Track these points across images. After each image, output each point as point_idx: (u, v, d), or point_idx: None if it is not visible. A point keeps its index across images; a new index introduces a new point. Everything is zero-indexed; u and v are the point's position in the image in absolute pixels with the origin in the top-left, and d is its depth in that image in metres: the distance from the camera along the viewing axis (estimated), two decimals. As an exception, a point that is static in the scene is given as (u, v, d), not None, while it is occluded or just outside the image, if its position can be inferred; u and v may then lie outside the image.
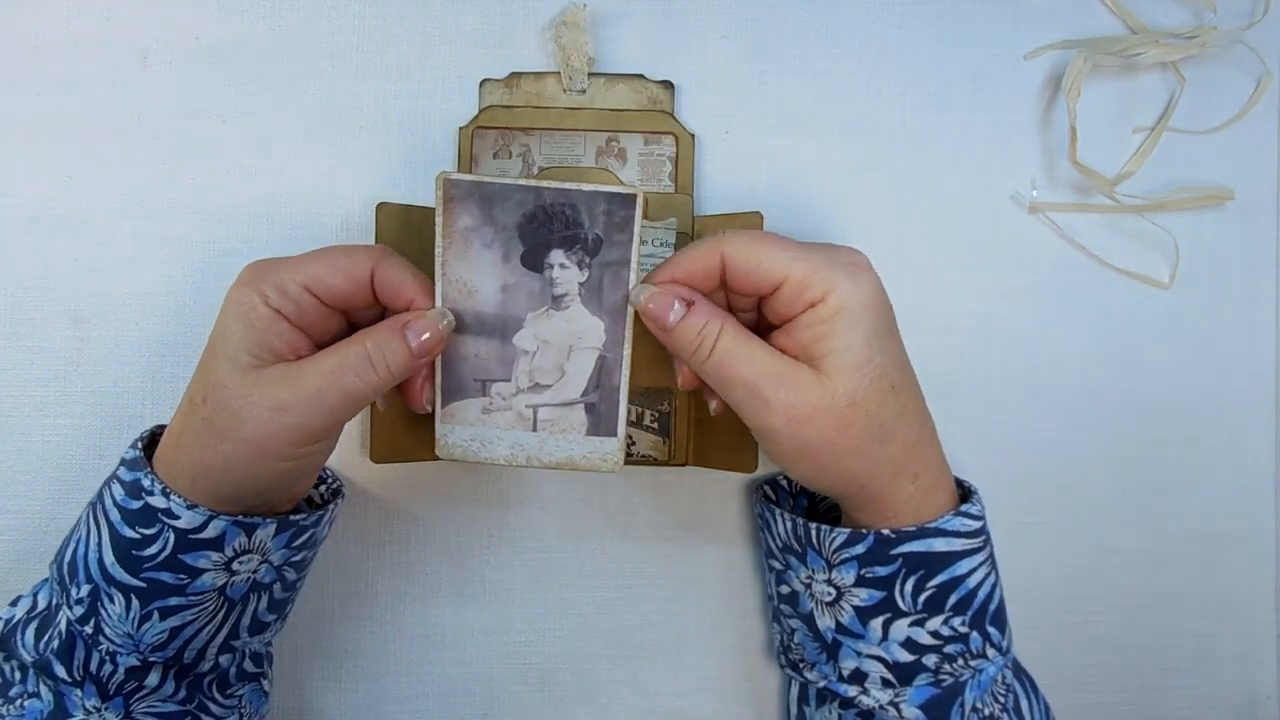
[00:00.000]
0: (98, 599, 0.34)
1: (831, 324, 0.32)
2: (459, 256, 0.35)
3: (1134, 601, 0.46)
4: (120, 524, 0.33)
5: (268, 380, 0.32)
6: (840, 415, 0.32)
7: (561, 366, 0.36)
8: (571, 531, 0.44)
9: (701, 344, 0.33)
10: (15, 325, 0.43)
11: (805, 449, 0.33)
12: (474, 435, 0.36)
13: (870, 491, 0.34)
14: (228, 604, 0.35)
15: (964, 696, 0.35)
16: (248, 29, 0.43)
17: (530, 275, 0.35)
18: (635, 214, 0.34)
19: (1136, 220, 0.45)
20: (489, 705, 0.44)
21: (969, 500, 0.36)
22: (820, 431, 0.33)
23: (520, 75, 0.43)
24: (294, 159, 0.43)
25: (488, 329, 0.35)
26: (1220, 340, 0.46)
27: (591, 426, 0.36)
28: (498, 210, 0.34)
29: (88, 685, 0.34)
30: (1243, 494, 0.46)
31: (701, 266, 0.34)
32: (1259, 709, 0.46)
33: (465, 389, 0.36)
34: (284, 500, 0.36)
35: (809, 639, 0.38)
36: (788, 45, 0.44)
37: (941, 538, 0.35)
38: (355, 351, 0.33)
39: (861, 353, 0.33)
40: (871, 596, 0.35)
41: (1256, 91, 0.45)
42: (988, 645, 0.35)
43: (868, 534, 0.35)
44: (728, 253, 0.34)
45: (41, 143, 0.43)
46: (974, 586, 0.35)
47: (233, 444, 0.32)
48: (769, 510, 0.40)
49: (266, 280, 0.33)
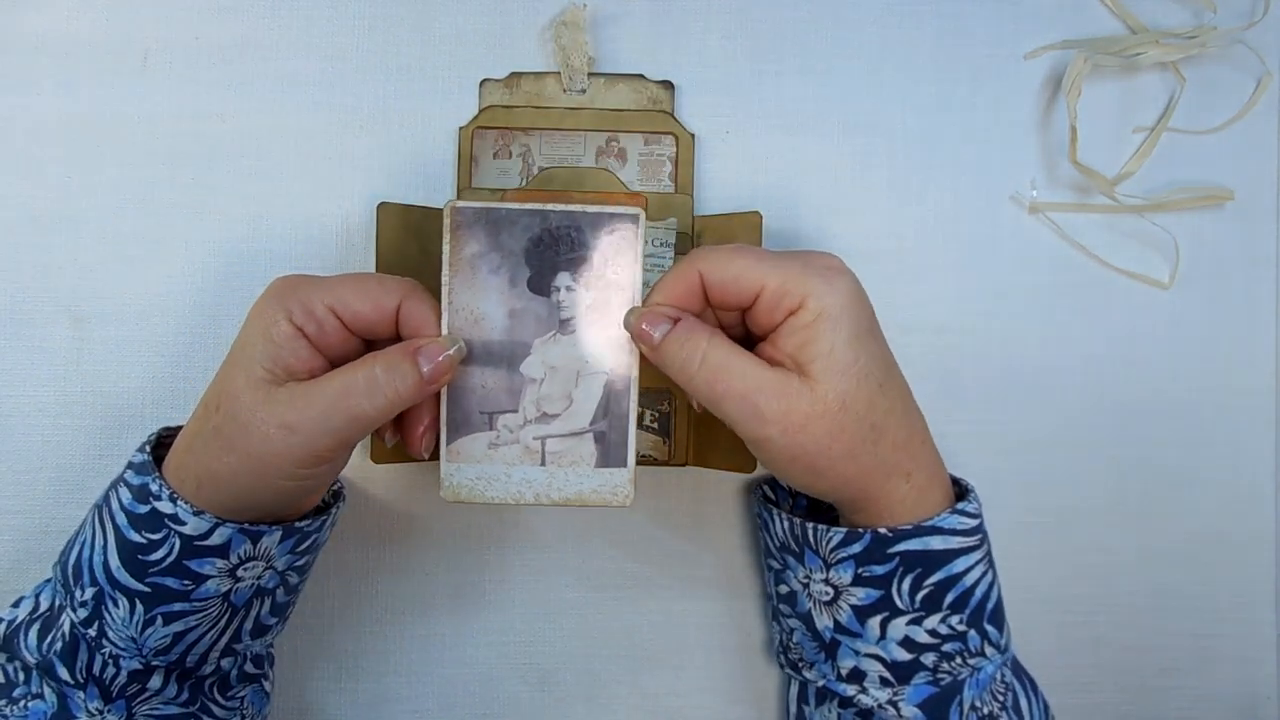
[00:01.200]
0: (102, 602, 0.34)
1: (813, 329, 0.33)
2: (466, 284, 0.34)
3: (1134, 601, 0.46)
4: (126, 528, 0.33)
5: (277, 399, 0.32)
6: (833, 420, 0.33)
7: (570, 394, 0.35)
8: (571, 531, 0.44)
9: (688, 359, 0.33)
10: (15, 325, 0.43)
11: (800, 456, 0.33)
12: (480, 474, 0.36)
13: (866, 493, 0.35)
14: (231, 609, 0.35)
15: (962, 695, 0.35)
16: (248, 29, 0.43)
17: (537, 300, 0.35)
18: (638, 234, 0.34)
19: (1136, 220, 0.45)
20: (489, 705, 0.44)
21: (965, 498, 0.36)
22: (815, 438, 0.33)
23: (520, 75, 0.43)
24: (294, 159, 0.43)
25: (495, 358, 0.35)
26: (1220, 340, 0.46)
27: (601, 457, 0.36)
28: (504, 235, 0.34)
29: (90, 687, 0.34)
30: (1243, 494, 0.46)
31: (683, 286, 0.34)
32: (1259, 709, 0.46)
33: (472, 423, 0.35)
34: (287, 516, 0.36)
35: (807, 638, 0.38)
36: (788, 45, 0.44)
37: (938, 536, 0.35)
38: (364, 374, 0.32)
39: (846, 354, 0.33)
40: (869, 595, 0.36)
41: (1256, 91, 0.45)
42: (986, 644, 0.35)
43: (864, 533, 0.35)
44: (704, 269, 0.34)
45: (41, 143, 0.43)
46: (971, 585, 0.35)
47: (238, 457, 0.32)
48: (767, 510, 0.40)
49: (293, 297, 0.33)
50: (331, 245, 0.43)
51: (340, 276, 0.34)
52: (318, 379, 0.33)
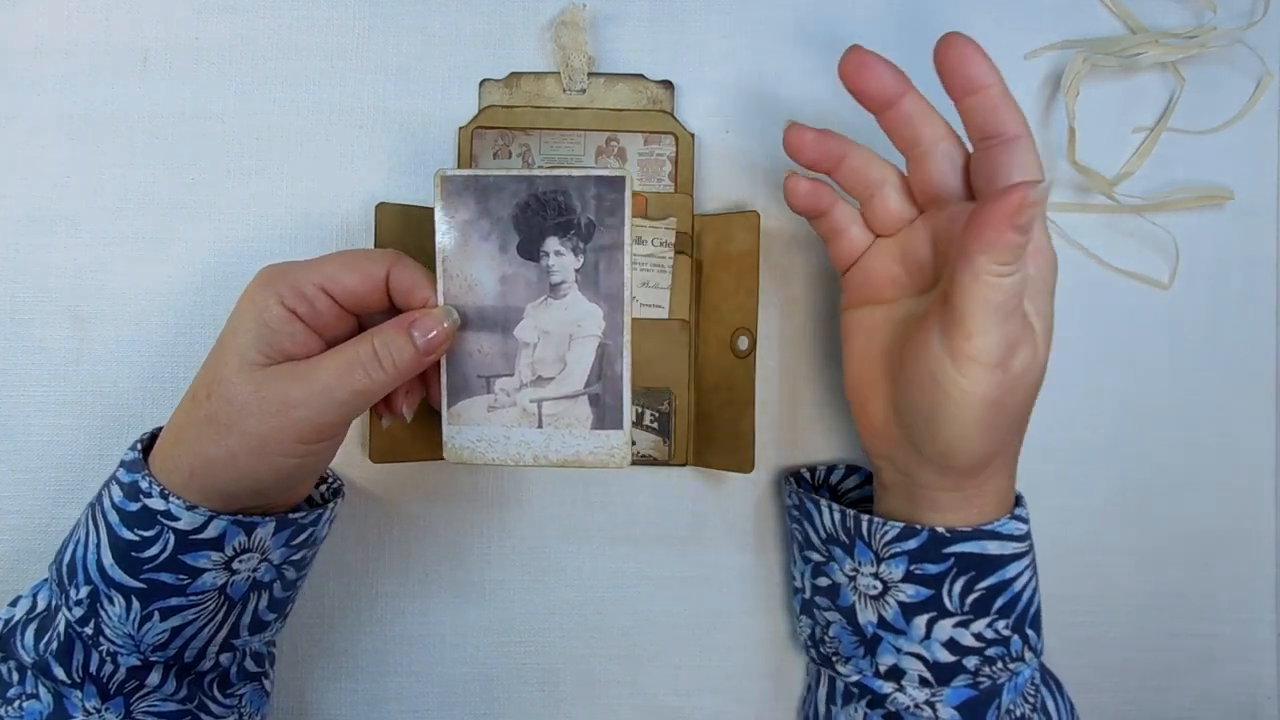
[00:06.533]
0: (97, 600, 0.34)
1: (1047, 295, 0.33)
2: (458, 251, 0.35)
3: (1134, 601, 0.46)
4: (119, 526, 0.33)
5: (277, 377, 0.32)
6: (1036, 384, 0.33)
7: (563, 357, 0.36)
8: (571, 531, 0.44)
9: (1043, 246, 0.33)
10: (15, 325, 0.43)
11: (1001, 401, 0.32)
12: (480, 435, 0.36)
13: (989, 470, 0.34)
14: (228, 603, 0.35)
15: (1000, 699, 0.35)
16: (248, 29, 0.43)
17: (527, 265, 0.35)
18: (625, 196, 0.34)
19: (1136, 220, 0.45)
20: (489, 705, 0.44)
21: (1019, 504, 0.36)
22: (1018, 393, 0.33)
23: (520, 75, 0.43)
24: (294, 159, 0.43)
25: (489, 323, 0.36)
26: (1220, 340, 0.46)
27: (597, 419, 0.36)
28: (493, 202, 0.35)
29: (88, 686, 0.34)
30: (1243, 494, 0.46)
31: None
32: (1259, 709, 0.46)
33: (470, 386, 0.36)
34: (281, 501, 0.36)
35: (847, 632, 0.38)
36: (788, 45, 0.44)
37: (995, 540, 0.35)
38: (364, 349, 0.33)
39: (1049, 327, 0.33)
40: (918, 593, 0.35)
41: (1256, 91, 0.45)
42: (1026, 649, 0.35)
43: (922, 530, 0.35)
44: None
45: (41, 143, 0.43)
46: (1019, 590, 0.35)
47: (237, 437, 0.32)
48: (811, 501, 0.39)
49: (282, 281, 0.33)
50: (331, 245, 0.43)
51: (325, 256, 0.34)
52: (317, 357, 0.33)
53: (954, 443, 0.33)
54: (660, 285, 0.43)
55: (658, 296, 0.43)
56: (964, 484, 0.35)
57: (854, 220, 0.37)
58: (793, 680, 0.45)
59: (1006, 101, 0.33)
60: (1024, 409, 0.34)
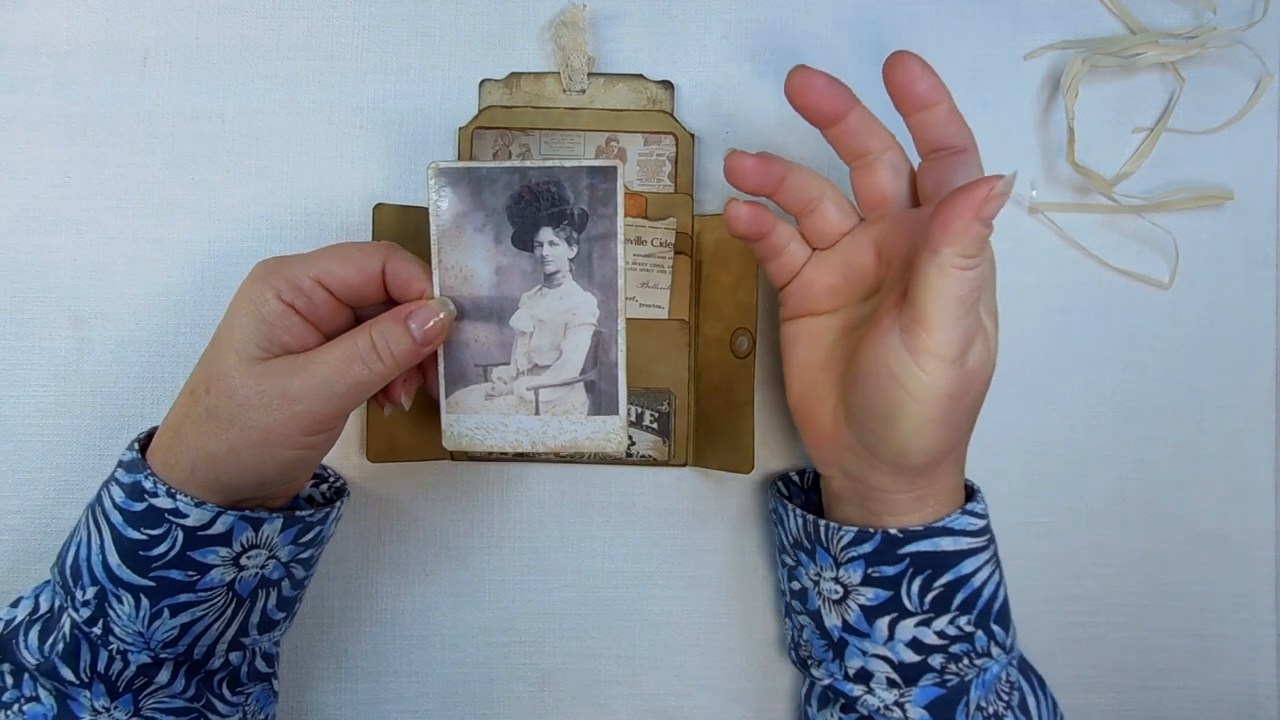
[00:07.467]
0: (105, 600, 0.34)
1: (992, 293, 0.34)
2: (453, 243, 0.35)
3: (1134, 601, 0.46)
4: (123, 526, 0.33)
5: (276, 370, 0.32)
6: (988, 380, 0.34)
7: (558, 346, 0.36)
8: (571, 531, 0.44)
9: (979, 259, 0.31)
10: (15, 325, 0.43)
11: (958, 396, 0.32)
12: (478, 423, 0.37)
13: (940, 468, 0.35)
14: (237, 600, 0.35)
15: (969, 696, 0.35)
16: (248, 29, 0.43)
17: (522, 255, 0.35)
18: (617, 186, 0.35)
19: (1136, 220, 0.45)
20: (489, 705, 0.44)
21: (973, 499, 0.36)
22: (973, 389, 0.33)
23: (520, 75, 0.43)
24: (294, 159, 0.43)
25: (485, 313, 0.36)
26: (1220, 340, 0.46)
27: (593, 406, 0.36)
28: (486, 194, 0.35)
29: (96, 685, 0.34)
30: (1242, 495, 0.46)
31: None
32: (1259, 709, 0.46)
33: (467, 375, 0.36)
34: (280, 495, 0.36)
35: (816, 636, 0.38)
36: (788, 45, 0.44)
37: (949, 537, 0.35)
38: (362, 341, 0.33)
39: (997, 325, 0.34)
40: (878, 596, 0.35)
41: (1256, 91, 0.45)
42: (992, 644, 0.35)
43: (875, 533, 0.35)
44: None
45: (41, 143, 0.43)
46: (979, 585, 0.35)
47: (239, 431, 0.32)
48: (782, 505, 0.40)
49: (279, 275, 0.33)
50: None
51: (321, 249, 0.35)
52: (316, 350, 0.33)
53: (910, 439, 0.33)
54: (660, 285, 0.43)
55: (658, 297, 0.43)
56: (917, 484, 0.35)
57: (792, 237, 0.37)
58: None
59: (954, 117, 0.34)
60: (976, 405, 0.34)
